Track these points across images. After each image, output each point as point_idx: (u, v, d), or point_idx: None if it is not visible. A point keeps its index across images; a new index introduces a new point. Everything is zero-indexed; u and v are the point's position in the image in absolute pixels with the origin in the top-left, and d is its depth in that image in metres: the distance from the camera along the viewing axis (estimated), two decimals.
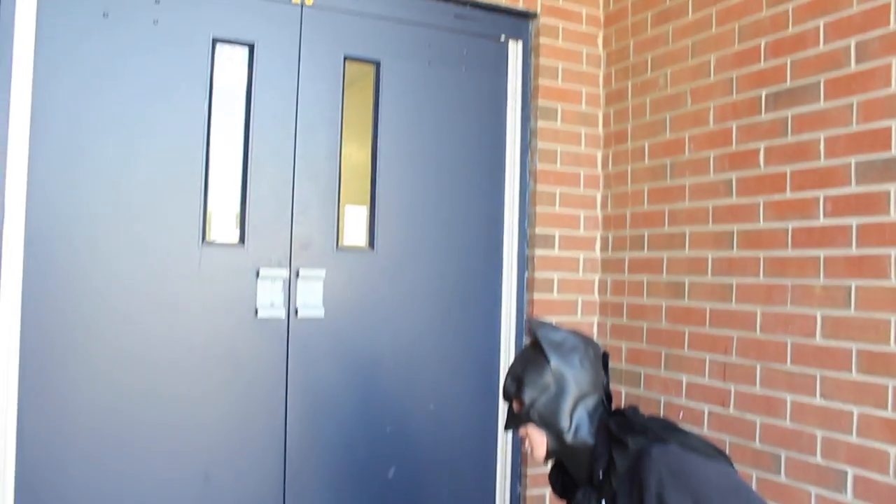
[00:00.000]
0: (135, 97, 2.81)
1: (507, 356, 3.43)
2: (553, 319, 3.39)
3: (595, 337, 3.53)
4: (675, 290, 3.14)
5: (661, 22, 3.26)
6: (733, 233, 2.89)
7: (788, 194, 2.68)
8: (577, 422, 1.90)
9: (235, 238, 3.00)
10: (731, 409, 2.85)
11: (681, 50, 3.16)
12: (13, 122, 2.63)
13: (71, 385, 2.69)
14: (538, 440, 1.94)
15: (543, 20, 3.48)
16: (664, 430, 1.77)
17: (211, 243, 2.93)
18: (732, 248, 2.89)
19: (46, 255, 2.67)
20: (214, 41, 2.95)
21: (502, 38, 3.48)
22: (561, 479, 2.12)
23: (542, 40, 3.48)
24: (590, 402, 1.92)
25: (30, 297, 2.64)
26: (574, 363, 1.92)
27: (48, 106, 2.68)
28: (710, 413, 2.94)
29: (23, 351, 2.63)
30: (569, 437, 1.90)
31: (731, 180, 2.91)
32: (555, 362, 1.91)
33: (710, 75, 3.03)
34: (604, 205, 3.56)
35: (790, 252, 2.66)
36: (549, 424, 1.91)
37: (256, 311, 2.96)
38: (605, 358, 2.01)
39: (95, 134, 2.75)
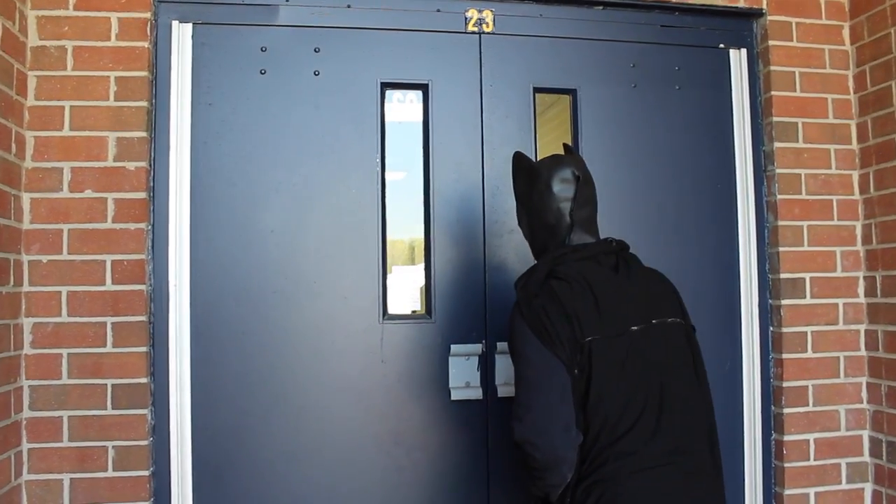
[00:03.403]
0: (299, 157, 2.53)
1: (752, 433, 2.80)
2: (809, 383, 2.76)
3: (865, 402, 2.82)
4: None
5: None
6: None
7: None
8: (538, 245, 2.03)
9: (421, 310, 2.62)
10: None
11: None
12: (173, 193, 2.44)
13: (244, 484, 2.42)
14: None
15: (771, 18, 2.86)
16: (534, 297, 1.80)
17: (393, 317, 2.57)
18: None
19: (214, 338, 2.45)
20: (383, 86, 2.61)
21: (721, 46, 2.88)
22: None
23: (772, 42, 2.85)
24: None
25: (199, 384, 2.43)
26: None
27: (208, 173, 2.48)
28: None
29: (195, 444, 2.42)
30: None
31: None
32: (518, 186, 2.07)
33: None
34: (867, 238, 2.84)
35: None
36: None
37: (450, 393, 2.55)
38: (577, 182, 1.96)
39: (259, 200, 2.50)
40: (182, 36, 2.46)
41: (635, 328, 1.79)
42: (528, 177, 2.01)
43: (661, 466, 1.70)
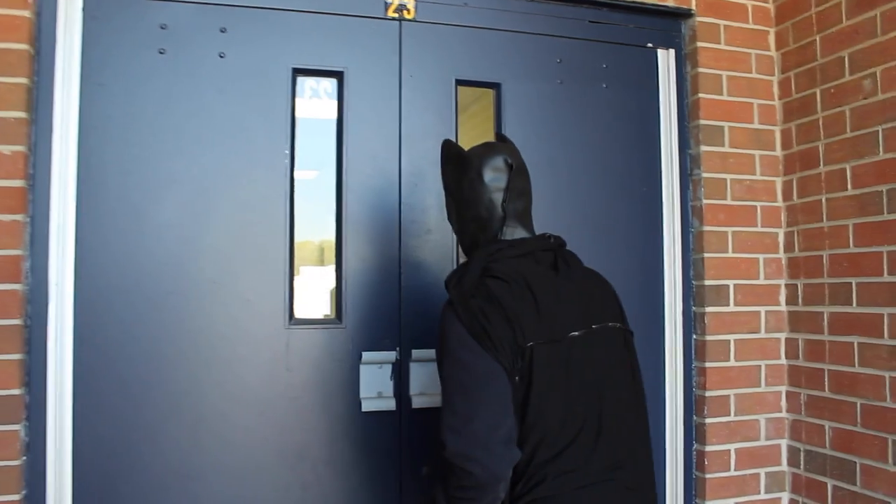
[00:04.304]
0: (201, 145, 2.31)
1: (674, 441, 2.72)
2: (731, 392, 2.71)
3: (784, 411, 2.78)
4: None
5: (865, 8, 2.50)
6: None
7: None
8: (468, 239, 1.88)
9: (331, 314, 2.44)
10: None
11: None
12: (56, 182, 2.18)
13: None
14: None
15: (700, 19, 2.79)
16: (471, 297, 1.63)
17: (301, 322, 2.38)
18: None
19: (102, 344, 2.19)
20: (295, 73, 2.42)
21: (649, 45, 2.80)
22: None
23: (700, 44, 2.78)
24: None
25: (82, 396, 2.17)
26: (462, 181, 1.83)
27: (98, 160, 2.22)
28: None
29: (76, 463, 2.16)
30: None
31: None
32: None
33: None
34: (789, 246, 2.80)
35: None
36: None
37: (361, 404, 2.38)
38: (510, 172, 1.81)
39: (156, 191, 2.26)
40: (70, 6, 2.20)
41: (576, 333, 1.65)
42: (458, 165, 1.84)
43: (603, 482, 1.58)
